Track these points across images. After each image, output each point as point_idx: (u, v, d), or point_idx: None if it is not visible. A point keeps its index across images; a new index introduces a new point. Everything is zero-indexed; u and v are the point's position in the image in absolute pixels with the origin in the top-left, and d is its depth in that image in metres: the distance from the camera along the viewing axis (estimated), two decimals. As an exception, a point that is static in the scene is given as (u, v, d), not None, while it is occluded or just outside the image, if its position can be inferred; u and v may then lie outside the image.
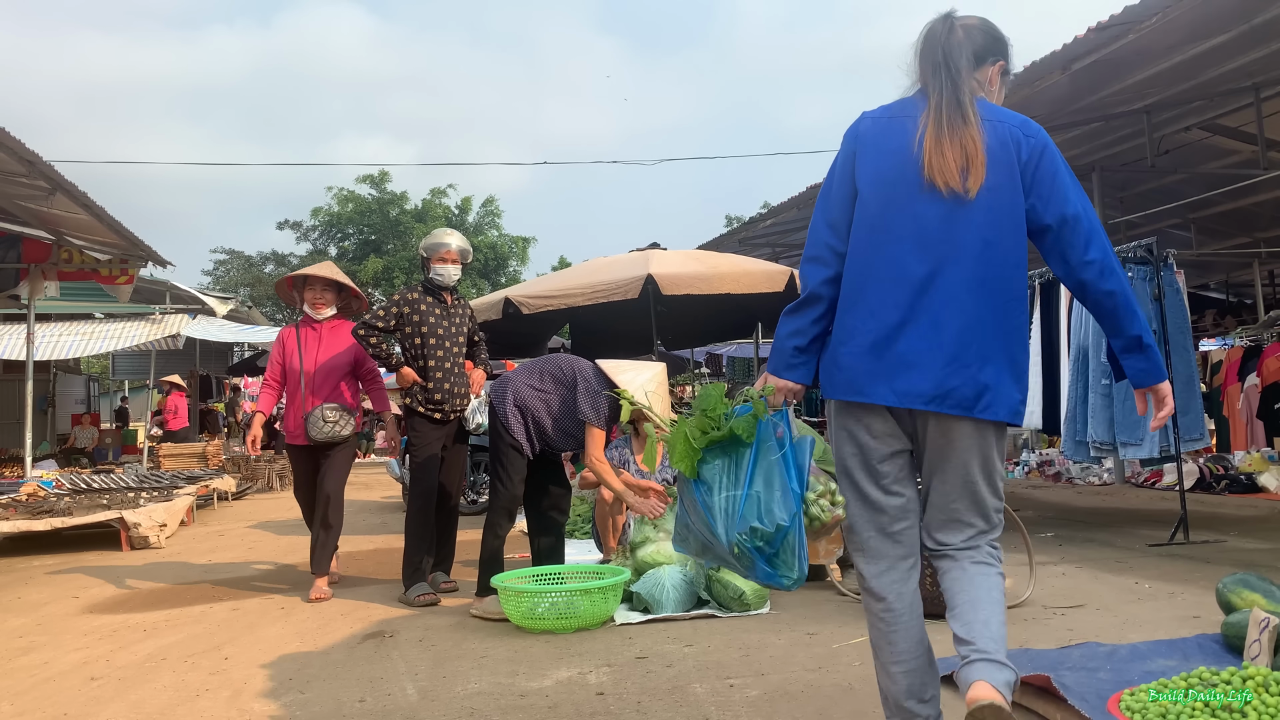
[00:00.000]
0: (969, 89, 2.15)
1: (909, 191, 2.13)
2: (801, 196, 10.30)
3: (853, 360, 2.15)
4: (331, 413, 5.10)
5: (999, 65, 2.30)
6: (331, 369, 5.22)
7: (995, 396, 2.09)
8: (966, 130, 2.09)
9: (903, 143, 2.15)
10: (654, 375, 4.66)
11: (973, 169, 2.07)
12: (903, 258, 2.11)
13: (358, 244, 38.95)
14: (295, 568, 6.06)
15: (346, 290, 5.49)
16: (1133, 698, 2.48)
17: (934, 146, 2.10)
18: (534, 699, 3.06)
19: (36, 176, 6.88)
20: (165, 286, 14.31)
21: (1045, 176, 2.11)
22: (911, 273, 2.10)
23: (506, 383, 4.57)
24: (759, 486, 2.19)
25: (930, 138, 2.11)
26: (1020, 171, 2.11)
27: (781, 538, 2.13)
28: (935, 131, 2.11)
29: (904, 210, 2.13)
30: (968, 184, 2.07)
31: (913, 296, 2.10)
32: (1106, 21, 5.80)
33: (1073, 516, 7.12)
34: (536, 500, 4.65)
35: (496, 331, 9.04)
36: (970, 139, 2.09)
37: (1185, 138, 8.89)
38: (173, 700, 3.22)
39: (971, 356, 2.08)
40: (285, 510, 9.93)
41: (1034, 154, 2.12)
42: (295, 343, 5.28)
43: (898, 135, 2.17)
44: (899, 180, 2.14)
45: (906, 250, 2.11)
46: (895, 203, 2.14)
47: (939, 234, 2.09)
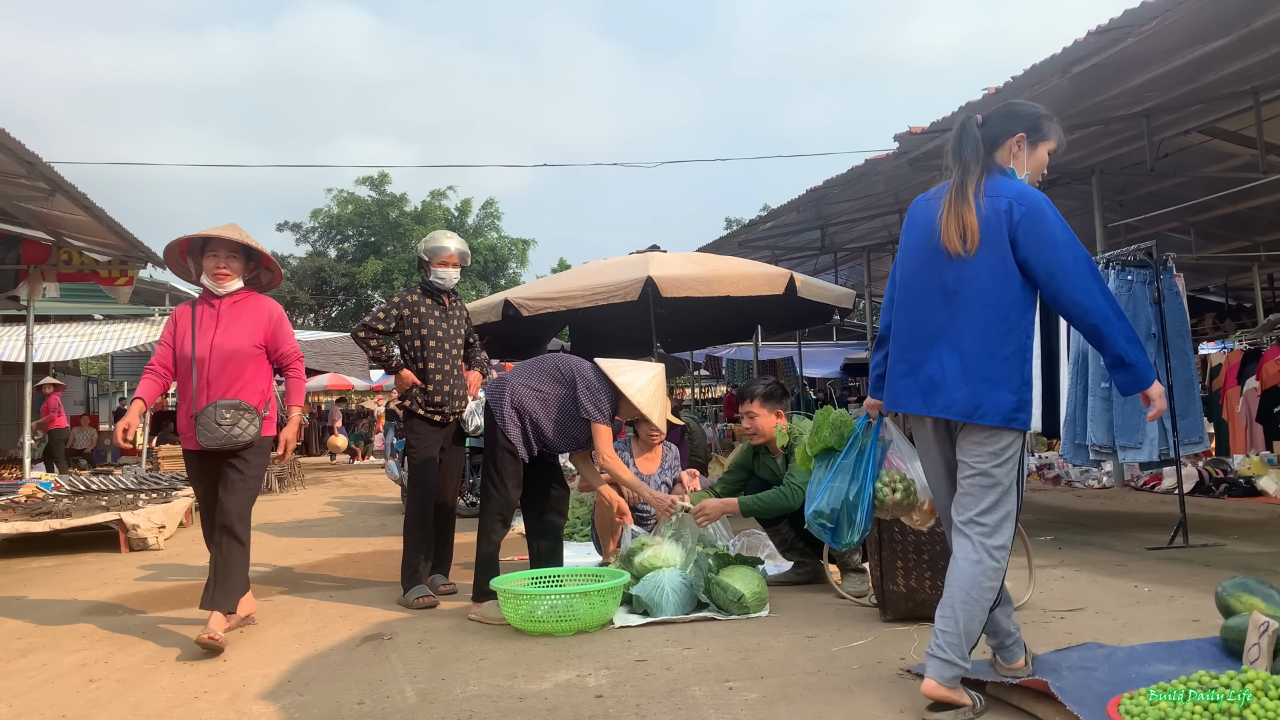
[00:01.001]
0: (978, 172, 2.80)
1: (933, 255, 2.84)
2: (801, 199, 10.31)
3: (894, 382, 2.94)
4: (227, 412, 4.09)
5: (1018, 137, 2.89)
6: (231, 356, 4.18)
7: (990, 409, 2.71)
8: (965, 208, 2.76)
9: (929, 219, 2.87)
10: (654, 377, 4.66)
11: (968, 236, 2.74)
12: (928, 305, 2.84)
13: (357, 246, 38.98)
14: (293, 570, 6.05)
15: (257, 257, 4.42)
16: (1132, 701, 2.48)
17: (943, 222, 2.79)
18: (533, 701, 3.06)
19: (36, 178, 6.88)
20: (165, 288, 14.32)
21: (1032, 235, 2.71)
22: (934, 318, 2.82)
23: (504, 384, 4.55)
24: (837, 481, 3.13)
25: (942, 215, 2.81)
26: (1011, 234, 2.72)
27: (840, 515, 3.09)
28: (945, 210, 2.80)
29: (929, 269, 2.85)
30: (967, 248, 2.75)
31: (936, 333, 2.81)
32: (1106, 25, 5.81)
33: (1072, 520, 7.11)
34: (535, 503, 4.64)
35: (496, 333, 9.04)
36: (968, 214, 2.75)
37: (1185, 141, 8.90)
38: (171, 702, 3.22)
39: (974, 377, 2.72)
40: (284, 512, 9.93)
41: (1024, 216, 2.72)
42: (189, 322, 4.24)
43: (927, 214, 2.91)
44: (926, 247, 2.87)
45: (932, 299, 2.83)
46: (924, 264, 2.87)
47: (953, 287, 2.78)
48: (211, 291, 4.28)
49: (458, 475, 5.26)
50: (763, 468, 4.90)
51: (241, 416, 4.12)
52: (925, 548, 3.86)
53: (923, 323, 2.85)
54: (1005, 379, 2.71)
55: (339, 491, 12.72)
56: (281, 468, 13.12)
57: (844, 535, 3.10)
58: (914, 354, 2.86)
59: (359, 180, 38.37)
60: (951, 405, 2.75)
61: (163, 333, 4.32)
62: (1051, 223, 2.71)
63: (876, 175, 9.26)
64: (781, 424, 4.73)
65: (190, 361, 4.17)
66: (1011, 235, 2.71)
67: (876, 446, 3.09)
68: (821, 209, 11.02)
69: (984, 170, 2.81)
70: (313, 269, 38.14)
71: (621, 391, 4.50)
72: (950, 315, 2.78)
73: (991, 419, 2.70)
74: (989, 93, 6.87)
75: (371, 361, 5.10)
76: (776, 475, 4.76)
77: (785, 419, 4.79)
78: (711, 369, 22.78)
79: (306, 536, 7.80)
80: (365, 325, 4.94)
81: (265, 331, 4.29)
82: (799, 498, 4.51)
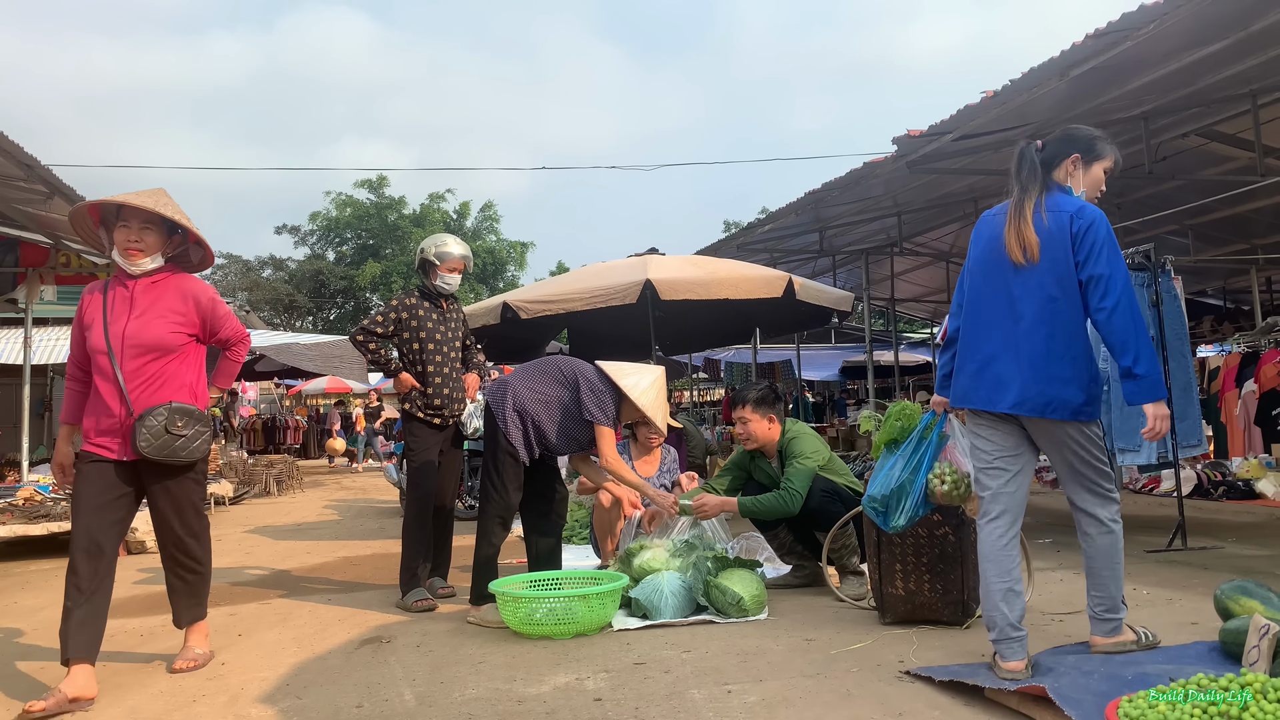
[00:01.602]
0: (1036, 190, 3.16)
1: (999, 266, 3.17)
2: (800, 202, 10.31)
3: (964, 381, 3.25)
4: (182, 420, 3.45)
5: (1072, 158, 3.24)
6: (147, 348, 3.47)
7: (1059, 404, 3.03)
8: (1024, 225, 3.10)
9: (995, 233, 3.22)
10: (655, 380, 4.66)
11: (1028, 249, 3.08)
12: (996, 311, 3.16)
13: (355, 248, 38.99)
14: (292, 573, 6.05)
15: (180, 232, 3.66)
16: (1131, 704, 2.48)
17: (1006, 236, 3.14)
18: (532, 704, 3.05)
19: (35, 180, 6.87)
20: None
21: (1086, 246, 3.04)
22: (1000, 321, 3.15)
23: (505, 387, 4.54)
24: (895, 469, 3.48)
25: (1005, 231, 3.16)
26: (1072, 243, 3.05)
27: (890, 500, 3.45)
28: (1007, 226, 3.16)
29: (996, 278, 3.18)
30: (1028, 259, 3.08)
31: (1004, 336, 3.12)
32: (1104, 29, 5.81)
33: (1071, 523, 7.10)
34: (534, 505, 4.64)
35: (494, 336, 9.03)
36: (1027, 231, 3.09)
37: (1183, 144, 8.90)
38: (169, 706, 3.21)
39: (1042, 376, 3.03)
40: (283, 515, 9.92)
41: (1081, 229, 3.05)
42: (99, 309, 3.53)
43: (993, 228, 3.25)
44: (992, 259, 3.21)
45: (999, 305, 3.16)
46: (991, 274, 3.20)
47: (1018, 294, 3.11)
48: (123, 270, 3.56)
49: (456, 478, 5.25)
50: (759, 471, 4.90)
51: (195, 427, 3.50)
52: (924, 551, 3.86)
53: (991, 326, 3.16)
54: (1073, 377, 3.02)
55: (337, 494, 12.71)
56: (280, 470, 13.12)
57: (892, 518, 3.43)
58: (983, 355, 3.17)
59: (357, 183, 38.41)
60: (1023, 402, 3.06)
61: (73, 324, 3.63)
62: (1102, 237, 3.04)
63: (875, 178, 9.26)
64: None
65: (106, 355, 3.45)
66: (1072, 245, 3.05)
67: (935, 440, 3.41)
68: (820, 212, 11.02)
69: (1043, 189, 3.17)
70: (311, 272, 38.14)
71: (625, 394, 4.50)
72: (1016, 319, 3.09)
73: (1061, 413, 3.03)
74: (987, 95, 6.88)
75: (370, 365, 5.09)
76: (773, 478, 4.76)
77: (778, 423, 4.78)
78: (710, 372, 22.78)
79: (305, 539, 7.79)
80: (364, 329, 4.94)
81: (191, 318, 3.58)
82: (796, 502, 4.51)
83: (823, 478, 4.61)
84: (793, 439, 4.70)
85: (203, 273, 3.95)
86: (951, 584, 3.85)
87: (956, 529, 3.85)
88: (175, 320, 3.55)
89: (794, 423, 4.83)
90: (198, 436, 3.52)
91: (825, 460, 4.68)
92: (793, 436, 4.72)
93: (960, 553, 3.84)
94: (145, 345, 3.48)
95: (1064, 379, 3.02)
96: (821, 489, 4.58)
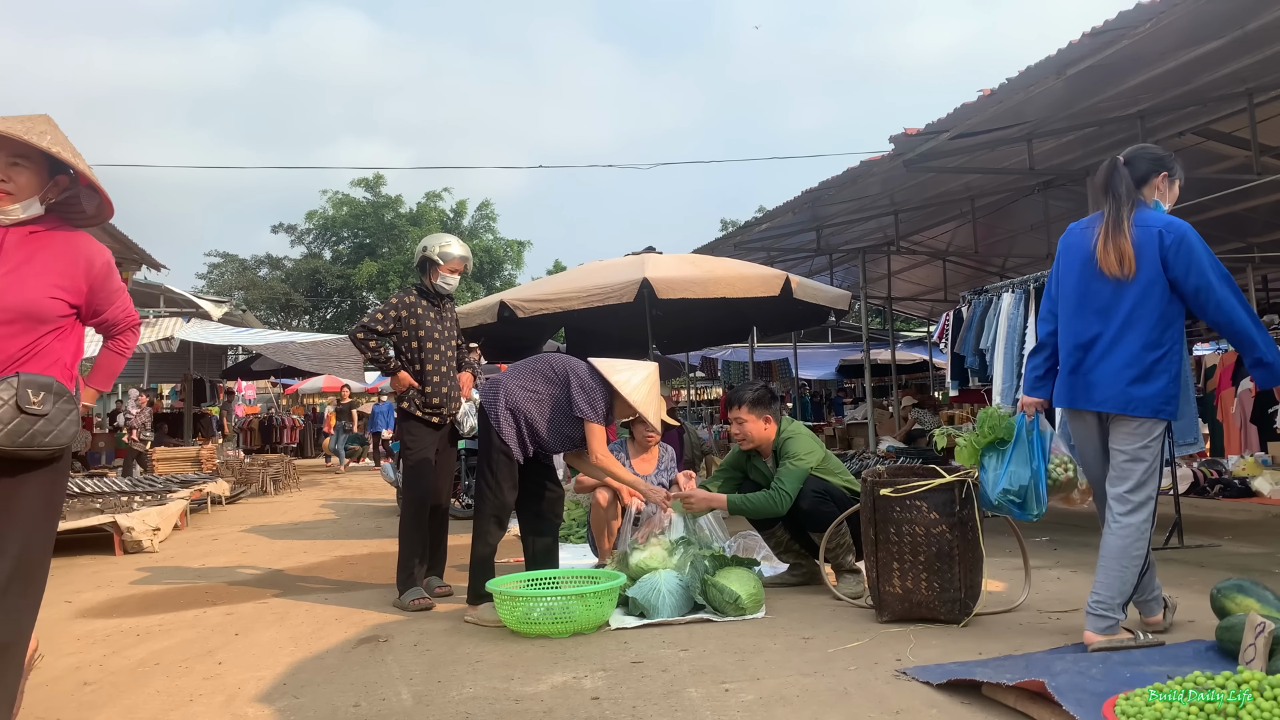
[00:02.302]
0: (1130, 206, 3.37)
1: (1091, 276, 3.42)
2: (796, 201, 10.30)
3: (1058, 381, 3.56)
4: (36, 394, 2.58)
5: (1162, 175, 3.50)
6: (20, 311, 2.62)
7: (1140, 402, 3.30)
8: (1122, 239, 3.32)
9: (1086, 245, 3.45)
10: (647, 376, 4.66)
11: (1125, 263, 3.30)
12: (1088, 317, 3.43)
13: (352, 247, 38.94)
14: (288, 572, 6.04)
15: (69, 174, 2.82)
16: (1128, 701, 2.49)
17: (1102, 250, 3.36)
18: (529, 704, 3.05)
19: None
20: (159, 290, 14.30)
21: (1182, 258, 3.27)
22: (1091, 328, 3.41)
23: (497, 385, 4.54)
24: (1014, 465, 3.67)
25: (1099, 244, 3.38)
26: (1163, 256, 3.29)
27: (1025, 492, 3.62)
28: (1103, 240, 3.37)
29: (1088, 287, 3.43)
30: (1125, 272, 3.31)
31: (1091, 341, 3.41)
32: (1101, 27, 5.82)
33: (1068, 521, 7.12)
34: (530, 504, 4.64)
35: (491, 335, 9.03)
36: (1124, 244, 3.31)
37: (1179, 143, 8.91)
38: (166, 705, 3.21)
39: (1127, 377, 3.31)
40: (279, 514, 9.91)
41: (1173, 243, 3.29)
42: None
43: (1083, 240, 3.48)
44: (1084, 269, 3.45)
45: (1091, 312, 3.43)
46: (1082, 283, 3.46)
47: (1109, 302, 3.37)
48: None
49: (451, 477, 5.26)
50: (754, 471, 4.90)
51: (57, 403, 2.62)
52: (921, 549, 3.86)
53: (1083, 332, 3.44)
54: (1155, 378, 3.30)
55: (334, 494, 12.70)
56: (277, 469, 13.10)
57: (1031, 508, 3.66)
58: (1075, 358, 3.46)
59: (354, 182, 38.34)
60: (1108, 400, 3.35)
61: None
62: (1197, 248, 3.28)
63: (872, 177, 9.26)
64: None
65: None
66: (1163, 257, 3.29)
67: (1040, 437, 3.68)
68: (817, 210, 11.02)
69: (1133, 205, 3.40)
70: (307, 271, 38.08)
71: (617, 390, 4.50)
72: (1106, 324, 3.38)
73: (1142, 411, 3.30)
74: (984, 94, 6.88)
75: (369, 363, 5.09)
76: (768, 478, 4.76)
77: (774, 424, 4.78)
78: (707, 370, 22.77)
79: (301, 538, 7.78)
80: (364, 326, 4.94)
81: (77, 284, 2.77)
82: (785, 503, 4.52)
83: (815, 478, 4.61)
84: (788, 439, 4.70)
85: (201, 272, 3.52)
86: (949, 582, 3.85)
87: (953, 527, 3.86)
88: (56, 283, 2.71)
89: (790, 422, 4.83)
90: (62, 416, 2.62)
91: (819, 461, 4.68)
92: (788, 437, 4.72)
93: (957, 551, 3.85)
94: (11, 310, 2.60)
95: (1146, 380, 3.31)
96: (814, 489, 4.58)
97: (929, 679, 3.09)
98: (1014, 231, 12.97)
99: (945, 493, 3.89)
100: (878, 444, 12.83)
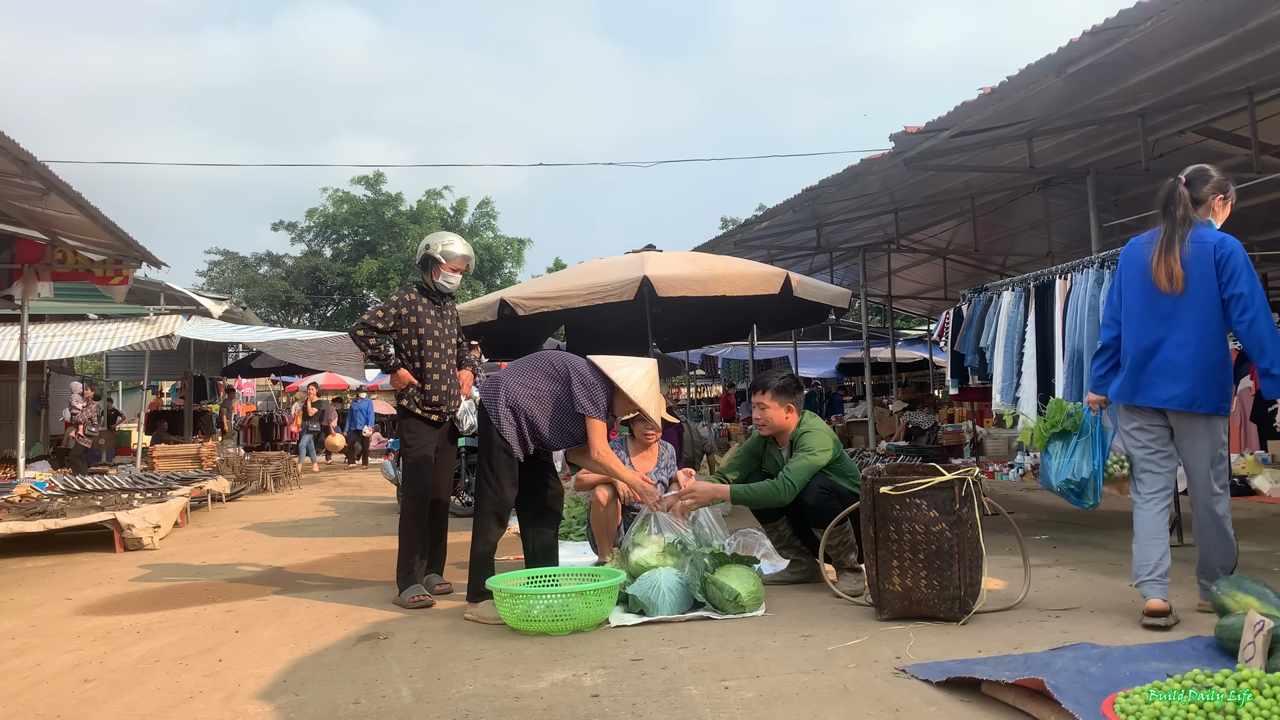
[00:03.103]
0: (1186, 227, 3.78)
1: (1151, 287, 3.84)
2: (796, 199, 10.30)
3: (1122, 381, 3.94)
4: None
5: (1219, 196, 3.91)
6: None
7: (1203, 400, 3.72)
8: (1173, 260, 3.75)
9: (1145, 259, 3.88)
10: (646, 373, 4.66)
11: (1174, 281, 3.74)
12: (1150, 324, 3.84)
13: (352, 245, 38.93)
14: (289, 570, 6.04)
15: None
16: (1127, 700, 2.49)
17: (1155, 267, 3.81)
18: (529, 701, 3.05)
19: (31, 177, 6.86)
20: (160, 287, 14.28)
21: (1227, 271, 3.70)
22: (1154, 333, 3.82)
23: (498, 383, 4.54)
24: (1076, 456, 4.11)
25: (1154, 261, 3.82)
26: (1215, 269, 3.71)
27: (1084, 483, 4.07)
28: (1157, 258, 3.81)
29: (1148, 297, 3.85)
30: (1173, 288, 3.75)
31: (1155, 345, 3.81)
32: (1101, 25, 5.81)
33: (1067, 519, 7.12)
34: (530, 502, 4.64)
35: (492, 333, 9.03)
36: (1174, 265, 3.74)
37: (1179, 141, 8.91)
38: (166, 702, 3.21)
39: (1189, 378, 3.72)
40: (279, 512, 9.91)
41: (1223, 258, 3.71)
42: None
43: (1143, 255, 3.91)
44: (1144, 281, 3.87)
45: (1151, 319, 3.84)
46: (1143, 293, 3.87)
47: (1169, 310, 3.78)
48: None
49: (451, 473, 5.26)
50: (769, 459, 4.93)
51: None
52: (920, 547, 3.86)
53: (1145, 337, 3.84)
54: (1215, 379, 3.71)
55: (334, 491, 12.70)
56: (278, 467, 13.10)
57: (1087, 499, 4.07)
58: (1138, 361, 3.85)
59: (354, 179, 38.35)
60: (1173, 399, 3.74)
61: None
62: (1242, 263, 3.69)
63: (872, 175, 9.25)
64: None
65: None
66: (1216, 270, 3.70)
67: (1102, 434, 4.07)
68: (817, 208, 11.02)
69: (1190, 225, 3.79)
70: (308, 268, 38.08)
71: (618, 387, 4.50)
72: (1168, 330, 3.77)
73: (1205, 408, 3.72)
74: (984, 92, 6.87)
75: (369, 360, 5.09)
76: (780, 468, 4.77)
77: (796, 413, 4.81)
78: (707, 369, 22.79)
79: (302, 536, 7.78)
80: (365, 324, 4.93)
81: None
82: (790, 493, 4.52)
83: (823, 475, 4.62)
84: (806, 432, 4.72)
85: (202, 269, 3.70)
86: (948, 580, 3.86)
87: (953, 525, 3.86)
88: None
89: (812, 417, 4.85)
90: None
91: (832, 459, 4.69)
92: (807, 430, 4.74)
93: (956, 549, 3.85)
94: None
95: (1207, 381, 3.71)
96: (820, 486, 4.58)
97: (928, 677, 3.09)
98: (1014, 230, 12.97)
99: (945, 491, 3.89)
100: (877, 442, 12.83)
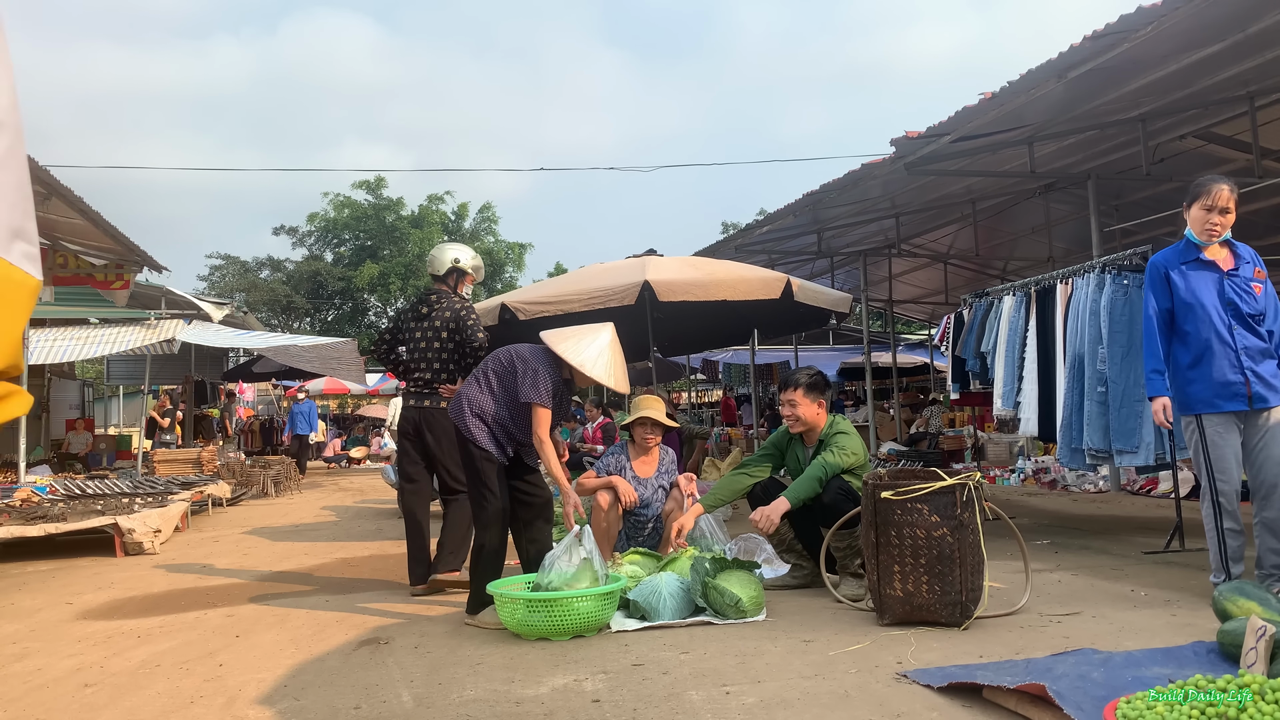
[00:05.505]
0: None
1: None
2: (797, 203, 10.31)
3: None
4: None
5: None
6: None
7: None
8: None
9: None
10: (598, 340, 4.56)
11: None
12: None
13: (354, 250, 38.95)
14: (289, 574, 6.04)
15: None
16: (1129, 705, 2.48)
17: None
18: (530, 706, 3.05)
19: (32, 181, 6.86)
20: (161, 292, 14.32)
21: None
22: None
23: (460, 398, 4.52)
24: None
25: None
26: None
27: None
28: None
29: None
30: None
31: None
32: (1102, 31, 5.82)
33: (1068, 524, 7.12)
34: (519, 512, 4.62)
35: (492, 338, 9.02)
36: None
37: (1180, 146, 8.92)
38: (167, 707, 3.21)
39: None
40: (280, 516, 9.91)
41: None
42: None
43: None
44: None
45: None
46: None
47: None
48: None
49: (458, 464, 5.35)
50: (791, 456, 4.96)
51: None
52: (922, 552, 3.86)
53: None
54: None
55: (335, 496, 12.70)
56: (278, 471, 13.10)
57: None
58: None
59: (355, 184, 38.36)
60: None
61: None
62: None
63: (873, 180, 9.27)
64: None
65: None
66: None
67: None
68: (818, 213, 11.03)
69: None
70: (309, 273, 38.10)
71: (565, 360, 4.47)
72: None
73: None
74: (985, 97, 6.88)
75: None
76: (801, 466, 4.81)
77: (825, 410, 4.85)
78: (708, 373, 22.78)
79: (302, 541, 7.78)
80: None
81: None
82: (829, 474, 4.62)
83: (840, 478, 4.65)
84: (841, 433, 4.79)
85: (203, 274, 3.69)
86: (949, 585, 3.85)
87: (954, 530, 3.85)
88: None
89: (845, 420, 4.93)
90: None
91: (858, 464, 4.72)
92: (840, 430, 4.81)
93: (958, 554, 3.84)
94: None
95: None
96: (839, 487, 4.62)
97: (930, 682, 3.08)
98: (1015, 234, 12.99)
99: (946, 496, 3.88)
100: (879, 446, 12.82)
